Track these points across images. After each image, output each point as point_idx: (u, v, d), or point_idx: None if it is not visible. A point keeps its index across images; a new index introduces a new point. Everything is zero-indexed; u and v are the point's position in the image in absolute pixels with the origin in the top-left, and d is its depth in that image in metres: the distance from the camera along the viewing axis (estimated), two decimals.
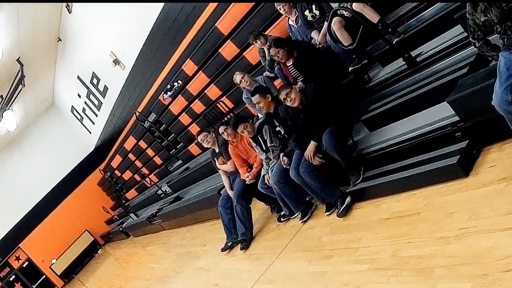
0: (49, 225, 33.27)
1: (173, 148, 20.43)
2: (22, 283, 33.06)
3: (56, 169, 33.64)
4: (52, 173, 33.55)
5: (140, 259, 20.72)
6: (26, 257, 33.21)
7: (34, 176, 33.04)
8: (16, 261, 33.19)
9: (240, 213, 10.41)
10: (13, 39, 19.24)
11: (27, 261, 33.25)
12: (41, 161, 33.31)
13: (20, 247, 33.07)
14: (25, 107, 27.78)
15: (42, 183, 33.40)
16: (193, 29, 15.58)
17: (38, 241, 32.86)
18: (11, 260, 33.10)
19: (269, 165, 9.55)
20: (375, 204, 7.15)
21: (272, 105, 9.21)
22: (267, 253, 9.18)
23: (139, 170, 25.60)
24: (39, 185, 33.31)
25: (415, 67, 7.62)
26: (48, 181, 33.67)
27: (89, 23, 20.10)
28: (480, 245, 4.64)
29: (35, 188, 33.17)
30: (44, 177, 33.35)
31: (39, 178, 33.18)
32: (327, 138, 7.77)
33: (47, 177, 33.49)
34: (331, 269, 6.63)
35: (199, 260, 12.50)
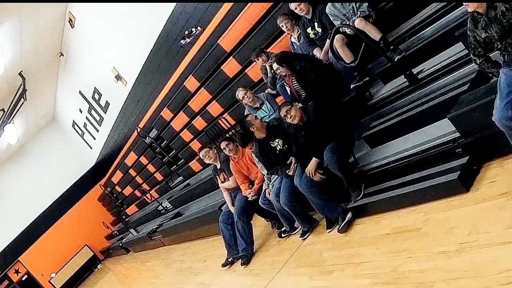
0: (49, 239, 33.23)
1: (174, 164, 20.45)
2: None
3: (57, 183, 33.71)
4: (52, 188, 33.63)
5: (140, 274, 20.72)
6: (26, 271, 33.30)
7: (35, 190, 33.07)
8: (15, 274, 33.27)
9: (241, 229, 10.42)
10: (15, 53, 19.32)
11: (26, 274, 33.35)
12: (42, 175, 33.36)
13: (19, 260, 33.14)
14: (26, 121, 27.84)
15: (43, 197, 33.45)
16: (195, 46, 15.62)
17: (38, 255, 32.92)
18: (10, 273, 33.17)
19: (271, 180, 9.55)
20: (376, 220, 7.17)
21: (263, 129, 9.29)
22: (268, 269, 9.18)
23: (139, 186, 25.61)
24: (40, 199, 33.35)
25: (417, 84, 7.66)
26: (49, 195, 33.73)
27: (92, 38, 20.19)
28: (480, 259, 4.67)
29: (36, 202, 33.21)
30: (45, 191, 33.40)
31: (40, 192, 33.21)
32: (329, 155, 7.80)
33: (48, 191, 33.55)
34: (332, 284, 6.64)
35: (199, 276, 12.49)
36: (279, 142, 9.15)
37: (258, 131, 9.25)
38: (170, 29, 16.34)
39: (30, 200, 32.99)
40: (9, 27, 17.17)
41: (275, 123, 9.15)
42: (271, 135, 9.22)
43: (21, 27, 17.76)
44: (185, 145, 18.27)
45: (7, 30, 17.18)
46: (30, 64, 21.02)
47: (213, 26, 14.44)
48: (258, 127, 9.19)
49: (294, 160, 8.70)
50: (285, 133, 8.96)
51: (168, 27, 16.37)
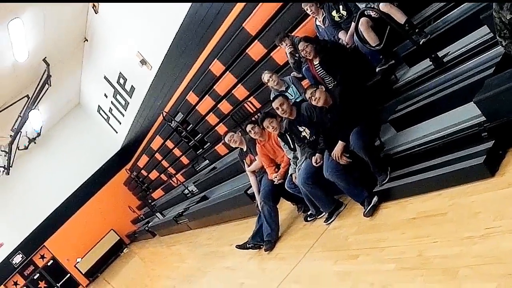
0: (74, 224, 33.46)
1: (200, 148, 20.47)
2: (46, 282, 33.42)
3: (82, 168, 33.90)
4: (78, 173, 33.83)
5: (165, 258, 20.83)
6: (51, 256, 33.54)
7: (60, 176, 33.36)
8: (40, 259, 33.51)
9: (267, 213, 10.38)
10: (39, 40, 19.37)
11: (51, 259, 33.62)
12: (67, 161, 33.57)
13: (45, 245, 33.41)
14: (51, 106, 27.91)
15: (68, 183, 33.70)
16: (220, 30, 15.58)
17: (63, 240, 33.16)
18: (35, 258, 33.43)
19: (297, 164, 9.54)
20: (402, 204, 7.14)
21: (293, 110, 9.22)
22: (293, 253, 9.19)
23: (165, 170, 25.65)
24: (65, 185, 33.60)
25: (442, 67, 7.61)
26: (74, 180, 33.94)
27: (116, 23, 20.18)
28: (505, 245, 4.63)
29: (61, 187, 33.48)
30: (70, 177, 33.62)
31: (65, 178, 33.47)
32: (355, 138, 7.78)
33: (73, 177, 33.75)
34: (357, 269, 6.64)
35: (225, 260, 12.54)
36: (306, 131, 9.12)
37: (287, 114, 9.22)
38: (195, 13, 16.28)
39: (55, 186, 33.29)
40: (33, 14, 17.20)
41: (305, 113, 9.09)
42: (299, 120, 9.19)
43: (44, 14, 17.80)
44: (211, 129, 18.29)
45: (31, 17, 17.21)
46: (54, 50, 21.06)
47: (238, 10, 14.38)
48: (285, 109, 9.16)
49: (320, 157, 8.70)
50: (313, 124, 8.93)
51: (193, 10, 16.31)
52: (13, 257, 32.94)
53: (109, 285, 26.40)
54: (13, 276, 33.01)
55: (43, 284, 33.53)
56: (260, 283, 9.39)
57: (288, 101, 9.27)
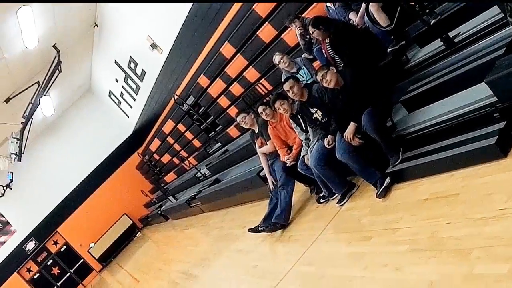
0: (87, 210, 33.64)
1: (212, 130, 20.51)
2: (59, 267, 33.69)
3: (94, 153, 34.04)
4: (90, 158, 33.97)
5: (179, 242, 20.88)
6: (64, 241, 33.79)
7: (72, 161, 33.52)
8: (53, 245, 33.76)
9: (283, 198, 10.37)
10: (49, 26, 19.39)
11: (64, 245, 33.87)
12: (79, 146, 33.71)
13: (58, 231, 33.67)
14: (62, 92, 28.02)
15: (80, 168, 33.88)
16: (230, 12, 15.56)
17: (76, 225, 33.40)
18: (48, 244, 33.70)
19: (309, 145, 9.54)
20: (414, 185, 7.14)
21: (305, 93, 9.21)
22: (306, 235, 9.19)
23: (178, 153, 25.69)
24: (77, 170, 33.77)
25: (453, 48, 7.59)
26: (86, 165, 34.11)
27: (126, 8, 20.15)
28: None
29: (73, 173, 33.64)
30: (82, 162, 33.77)
31: (77, 163, 33.63)
32: (367, 119, 7.77)
33: (85, 162, 33.91)
34: (371, 250, 6.63)
35: (238, 242, 12.54)
36: (318, 113, 9.12)
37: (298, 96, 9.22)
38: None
39: (67, 172, 33.46)
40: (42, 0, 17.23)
41: (317, 94, 9.07)
42: (311, 102, 9.19)
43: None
44: (222, 112, 18.29)
45: (40, 4, 17.23)
46: (64, 36, 21.08)
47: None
48: (296, 92, 9.15)
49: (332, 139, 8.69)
50: (325, 105, 8.92)
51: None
52: (26, 244, 33.22)
53: (122, 270, 26.52)
54: (26, 262, 33.31)
55: (56, 270, 33.80)
56: (273, 265, 9.41)
57: (299, 83, 9.25)
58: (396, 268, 5.72)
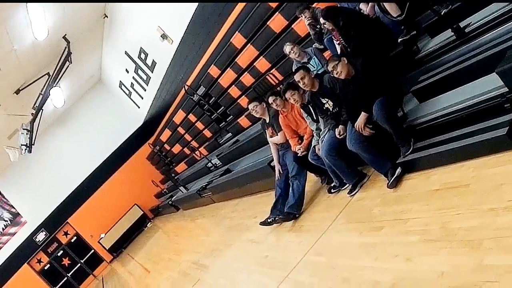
0: (97, 200, 33.78)
1: (222, 121, 20.48)
2: (70, 258, 33.87)
3: (105, 144, 34.16)
4: (100, 148, 34.10)
5: (189, 232, 20.93)
6: (75, 232, 34.01)
7: (83, 152, 33.71)
8: (64, 236, 33.96)
9: (296, 188, 10.39)
10: (59, 17, 19.43)
11: (75, 236, 34.07)
12: (90, 137, 33.88)
13: (68, 222, 33.84)
14: (72, 83, 28.07)
15: (91, 159, 34.03)
16: (241, 2, 15.54)
17: (87, 216, 33.60)
18: (59, 235, 33.90)
19: (320, 135, 9.54)
20: (425, 176, 7.15)
21: (315, 83, 9.22)
22: (317, 225, 9.21)
23: (188, 144, 25.74)
24: (88, 161, 33.97)
25: (464, 38, 7.57)
26: (97, 156, 34.24)
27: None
28: None
29: (83, 164, 33.84)
30: (93, 153, 33.95)
31: (88, 154, 33.82)
32: (378, 109, 7.77)
33: (96, 153, 34.06)
34: (382, 240, 6.65)
35: (249, 233, 12.54)
36: (329, 103, 9.12)
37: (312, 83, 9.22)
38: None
39: (78, 163, 33.68)
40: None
41: (328, 84, 9.07)
42: (322, 92, 9.19)
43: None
44: (233, 102, 18.26)
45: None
46: (74, 28, 21.13)
47: None
48: (307, 83, 9.16)
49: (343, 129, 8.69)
50: (336, 95, 8.92)
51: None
52: (37, 235, 33.44)
53: (133, 260, 26.57)
54: (36, 253, 33.50)
55: (67, 260, 33.99)
56: (284, 255, 9.38)
57: (310, 74, 9.26)
58: (407, 259, 5.74)
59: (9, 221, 33.37)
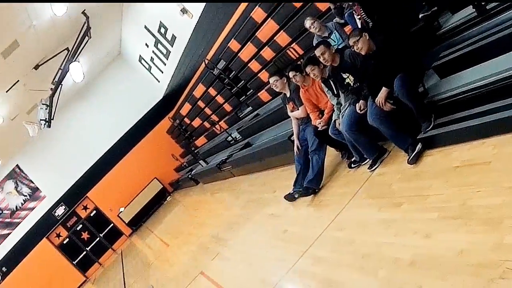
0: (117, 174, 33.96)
1: (242, 95, 20.45)
2: (89, 232, 34.06)
3: (125, 118, 34.19)
4: (120, 123, 34.15)
5: (209, 206, 21.03)
6: (94, 206, 34.21)
7: (102, 127, 33.82)
8: (83, 210, 34.18)
9: (315, 162, 10.38)
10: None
11: (94, 210, 34.22)
12: (109, 111, 33.92)
13: (87, 196, 33.95)
14: (91, 58, 28.06)
15: (110, 133, 34.15)
16: None
17: (106, 190, 33.74)
18: (78, 209, 34.12)
19: (340, 110, 9.54)
20: (446, 152, 7.15)
21: (336, 58, 9.19)
22: (337, 200, 9.23)
23: (208, 118, 25.75)
24: (107, 135, 34.10)
25: (485, 15, 7.53)
26: (116, 130, 34.34)
27: None
28: None
29: (103, 138, 34.00)
30: (112, 127, 34.04)
31: (107, 128, 33.93)
32: (398, 84, 7.77)
33: (115, 127, 34.15)
34: (401, 217, 6.67)
35: (269, 207, 12.58)
36: (349, 78, 9.11)
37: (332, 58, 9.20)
38: None
39: (97, 137, 33.85)
40: None
41: (348, 59, 9.05)
42: (343, 67, 9.17)
43: None
44: (253, 76, 18.20)
45: None
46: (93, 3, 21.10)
47: None
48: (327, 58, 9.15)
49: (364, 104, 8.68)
50: (357, 70, 8.90)
51: None
52: (56, 209, 33.68)
53: (152, 234, 26.75)
54: (56, 228, 33.76)
55: (86, 234, 34.25)
56: (303, 230, 9.43)
57: (330, 49, 9.23)
58: (426, 236, 5.75)
59: (28, 196, 33.59)
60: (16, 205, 33.46)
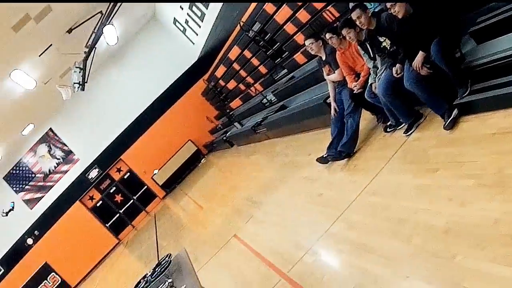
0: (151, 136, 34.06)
1: (278, 57, 20.36)
2: (122, 195, 34.32)
3: (159, 80, 34.17)
4: (155, 85, 34.11)
5: (243, 168, 21.04)
6: (128, 169, 34.37)
7: (136, 89, 33.83)
8: (117, 172, 34.44)
9: (350, 126, 10.40)
10: None
11: (128, 172, 34.37)
12: (144, 74, 33.90)
13: (121, 159, 34.16)
14: (126, 21, 28.03)
15: (144, 96, 34.16)
16: None
17: (140, 153, 33.87)
18: (112, 172, 34.39)
19: (377, 73, 9.50)
20: (482, 119, 7.08)
21: (372, 21, 9.13)
22: (372, 164, 9.24)
23: (243, 80, 25.67)
24: (141, 98, 34.09)
25: None
26: (151, 92, 34.32)
27: None
28: None
29: (137, 100, 34.00)
30: (147, 89, 34.02)
31: (141, 91, 33.91)
32: (435, 49, 7.71)
33: (150, 89, 34.13)
34: (436, 183, 6.65)
35: (303, 170, 12.55)
36: (386, 41, 9.05)
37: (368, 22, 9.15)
38: None
39: (131, 100, 33.88)
40: None
41: (385, 23, 8.99)
42: (379, 30, 9.11)
43: None
44: (289, 38, 18.10)
45: None
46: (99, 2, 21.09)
47: None
48: (363, 22, 9.10)
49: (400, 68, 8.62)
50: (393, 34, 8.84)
51: None
52: (89, 172, 34.00)
53: (186, 196, 26.93)
54: (89, 190, 34.13)
55: (119, 197, 34.59)
56: (338, 194, 9.44)
57: (367, 12, 9.16)
58: (461, 203, 5.73)
59: (61, 159, 33.94)
60: (49, 169, 33.86)
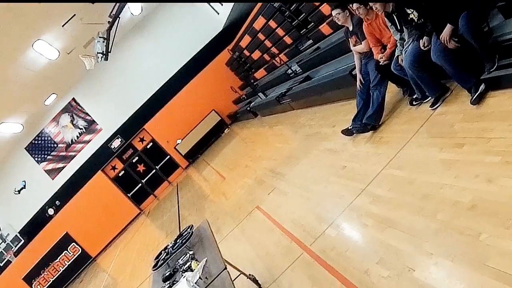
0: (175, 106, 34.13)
1: (303, 27, 20.26)
2: (145, 164, 34.58)
3: (183, 51, 34.17)
4: (179, 55, 34.14)
5: (267, 139, 20.98)
6: (151, 138, 34.54)
7: (160, 58, 33.90)
8: (140, 142, 34.67)
9: (376, 98, 10.38)
10: None
11: (151, 142, 34.56)
12: (168, 44, 33.98)
13: (144, 128, 34.26)
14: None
15: (168, 65, 34.16)
16: None
17: (164, 122, 34.04)
18: (134, 142, 34.62)
19: (403, 46, 9.42)
20: (510, 94, 7.02)
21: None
22: (397, 138, 9.19)
23: (268, 50, 25.56)
24: (165, 67, 34.14)
25: None
26: (175, 62, 34.30)
27: None
28: None
29: (161, 70, 34.05)
30: (171, 59, 34.01)
31: (165, 60, 33.95)
32: (463, 22, 7.62)
33: (174, 59, 34.11)
34: (463, 158, 6.61)
35: (327, 142, 12.54)
36: (414, 13, 8.96)
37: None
38: None
39: (155, 69, 33.98)
40: None
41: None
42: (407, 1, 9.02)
43: None
44: (314, 9, 17.97)
45: None
46: None
47: None
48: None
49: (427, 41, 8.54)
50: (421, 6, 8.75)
51: None
52: (112, 142, 34.28)
53: (208, 166, 26.99)
54: (111, 160, 34.45)
55: (142, 167, 34.88)
56: (362, 166, 9.41)
57: None
58: (488, 180, 5.69)
59: (84, 129, 34.12)
60: (72, 139, 34.13)
